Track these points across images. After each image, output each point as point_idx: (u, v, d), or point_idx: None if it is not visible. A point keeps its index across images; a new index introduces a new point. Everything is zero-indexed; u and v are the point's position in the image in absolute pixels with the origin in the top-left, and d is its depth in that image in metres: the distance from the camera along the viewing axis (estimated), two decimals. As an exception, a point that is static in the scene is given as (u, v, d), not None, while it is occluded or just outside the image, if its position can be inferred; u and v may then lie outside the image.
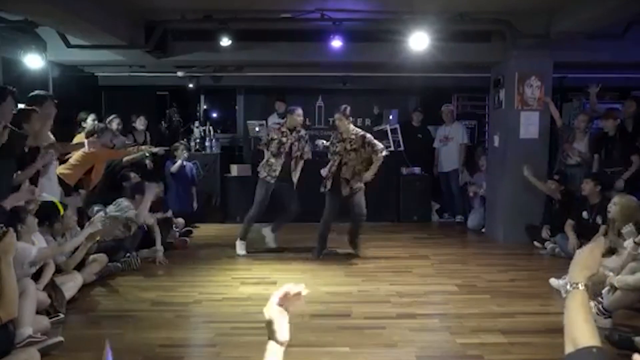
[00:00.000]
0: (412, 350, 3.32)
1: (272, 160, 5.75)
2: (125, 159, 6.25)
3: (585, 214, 5.50)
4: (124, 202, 5.45)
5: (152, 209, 6.25)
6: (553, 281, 4.52)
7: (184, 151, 7.28)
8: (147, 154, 6.38)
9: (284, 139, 5.77)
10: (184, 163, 7.22)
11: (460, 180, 7.85)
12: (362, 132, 5.62)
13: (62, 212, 4.27)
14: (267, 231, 6.18)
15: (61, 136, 5.71)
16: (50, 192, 4.54)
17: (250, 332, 3.61)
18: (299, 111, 5.86)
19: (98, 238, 4.69)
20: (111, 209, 5.42)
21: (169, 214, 6.64)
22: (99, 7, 5.07)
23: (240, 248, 5.89)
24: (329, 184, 5.61)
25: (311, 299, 4.27)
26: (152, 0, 5.33)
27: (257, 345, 3.55)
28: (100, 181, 5.82)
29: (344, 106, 5.59)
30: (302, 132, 5.94)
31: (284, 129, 5.81)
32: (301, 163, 5.89)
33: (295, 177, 5.88)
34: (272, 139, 5.81)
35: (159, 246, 5.47)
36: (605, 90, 9.20)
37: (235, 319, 3.89)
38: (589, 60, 6.68)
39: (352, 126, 5.63)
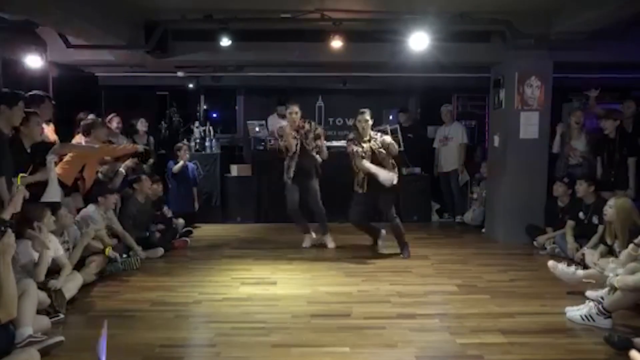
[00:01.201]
0: (412, 351, 3.32)
1: (288, 162, 5.93)
2: (121, 168, 6.11)
3: (581, 214, 5.51)
4: (89, 210, 5.16)
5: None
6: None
7: (187, 152, 7.27)
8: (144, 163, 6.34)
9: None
10: (186, 163, 7.22)
11: (460, 180, 7.86)
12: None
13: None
14: (321, 237, 6.25)
15: (61, 136, 5.72)
16: (51, 192, 4.54)
17: (250, 332, 3.62)
18: (290, 109, 5.91)
19: (93, 236, 4.69)
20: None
21: (169, 213, 6.63)
22: (99, 8, 5.07)
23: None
24: (365, 185, 5.59)
25: (311, 299, 4.31)
26: (152, 0, 5.33)
27: (257, 345, 3.59)
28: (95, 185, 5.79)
29: (366, 109, 5.60)
30: (308, 126, 5.95)
31: (288, 131, 5.88)
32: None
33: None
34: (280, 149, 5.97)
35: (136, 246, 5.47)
36: (605, 90, 9.22)
37: (235, 319, 3.89)
38: (589, 60, 6.67)
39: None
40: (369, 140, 5.56)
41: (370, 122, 5.55)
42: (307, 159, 5.89)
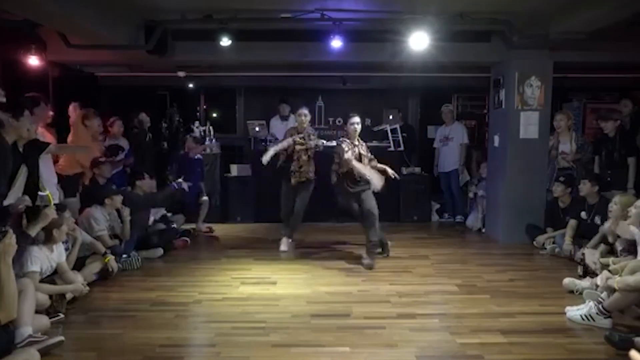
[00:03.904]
0: (412, 350, 3.32)
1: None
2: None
3: (583, 214, 5.50)
4: (94, 211, 5.18)
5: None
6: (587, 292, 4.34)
7: (194, 143, 7.19)
8: None
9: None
10: (193, 156, 7.12)
11: (461, 180, 7.86)
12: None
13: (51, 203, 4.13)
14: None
15: (61, 136, 5.73)
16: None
17: (250, 332, 3.62)
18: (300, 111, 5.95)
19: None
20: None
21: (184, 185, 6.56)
22: (99, 7, 5.07)
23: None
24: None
25: (311, 299, 4.31)
26: (152, 0, 5.33)
27: (257, 345, 3.59)
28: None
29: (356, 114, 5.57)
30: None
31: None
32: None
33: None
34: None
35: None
36: (605, 90, 9.25)
37: (235, 319, 3.89)
38: (589, 60, 6.67)
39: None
40: (357, 145, 5.48)
41: (359, 128, 5.49)
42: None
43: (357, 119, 5.50)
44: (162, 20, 5.73)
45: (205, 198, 7.06)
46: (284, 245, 6.03)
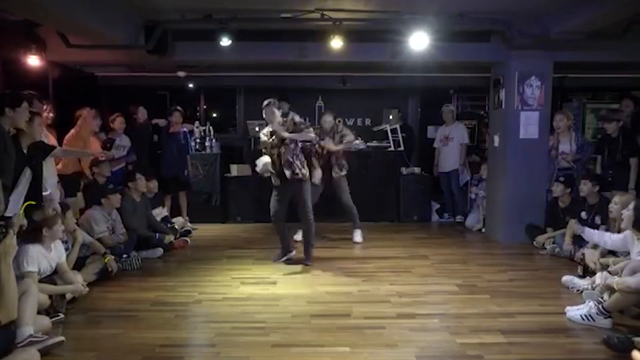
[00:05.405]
0: (412, 350, 3.32)
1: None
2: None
3: (584, 214, 5.50)
4: (93, 212, 5.25)
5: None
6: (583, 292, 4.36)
7: (180, 117, 7.28)
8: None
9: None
10: (179, 130, 7.20)
11: (461, 180, 7.85)
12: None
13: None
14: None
15: (61, 136, 5.73)
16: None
17: (250, 332, 3.62)
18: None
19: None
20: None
21: (163, 213, 6.64)
22: (99, 7, 5.07)
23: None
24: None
25: (311, 299, 4.31)
26: (152, 0, 5.33)
27: (257, 345, 3.59)
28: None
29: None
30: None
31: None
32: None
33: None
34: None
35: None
36: (605, 90, 9.25)
37: (235, 319, 3.89)
38: (589, 60, 6.67)
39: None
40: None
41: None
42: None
43: None
44: (162, 20, 5.73)
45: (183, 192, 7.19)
46: (299, 235, 6.10)
